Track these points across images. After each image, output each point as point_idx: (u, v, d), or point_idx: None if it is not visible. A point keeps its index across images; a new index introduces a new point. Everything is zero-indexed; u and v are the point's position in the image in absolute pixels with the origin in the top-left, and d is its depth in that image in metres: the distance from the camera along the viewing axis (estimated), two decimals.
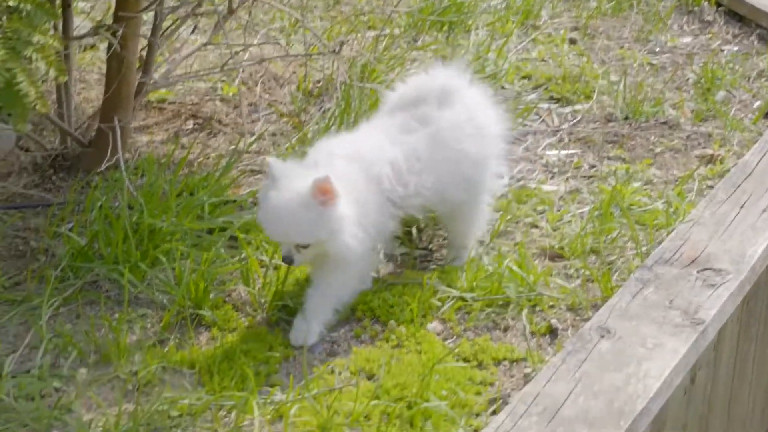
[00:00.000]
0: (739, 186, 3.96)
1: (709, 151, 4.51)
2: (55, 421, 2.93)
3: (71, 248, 3.57)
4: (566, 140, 4.60)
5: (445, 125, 3.40)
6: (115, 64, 4.08)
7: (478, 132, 3.46)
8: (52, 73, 3.13)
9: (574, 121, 4.77)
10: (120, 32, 3.92)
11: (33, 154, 4.27)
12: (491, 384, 3.10)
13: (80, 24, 4.76)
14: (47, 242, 3.69)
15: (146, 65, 4.25)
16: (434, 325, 3.36)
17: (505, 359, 3.20)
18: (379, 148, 3.34)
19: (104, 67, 4.30)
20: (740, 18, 6.28)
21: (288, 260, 3.18)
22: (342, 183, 3.14)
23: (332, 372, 3.15)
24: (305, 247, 3.16)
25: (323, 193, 3.08)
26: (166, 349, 3.21)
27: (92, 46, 5.22)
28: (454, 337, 3.31)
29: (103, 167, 3.94)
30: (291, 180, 3.13)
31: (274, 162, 3.18)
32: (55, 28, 4.00)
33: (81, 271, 3.52)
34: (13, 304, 3.39)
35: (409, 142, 3.36)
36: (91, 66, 5.05)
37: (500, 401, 3.00)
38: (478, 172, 3.49)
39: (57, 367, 3.13)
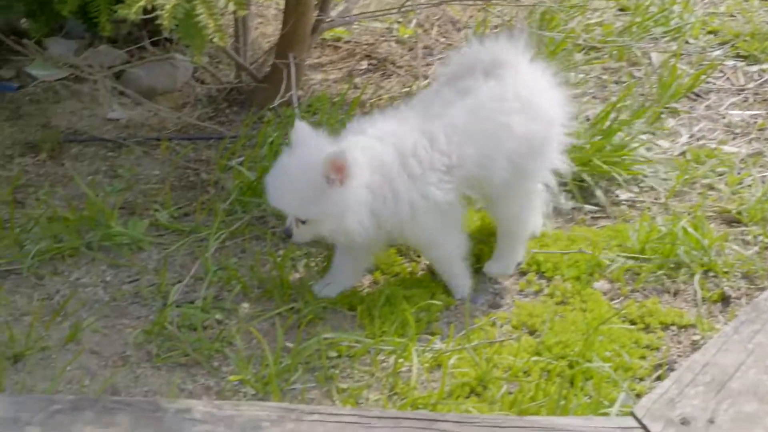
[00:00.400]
0: None
1: None
2: (215, 353, 2.96)
3: (240, 182, 3.59)
4: (751, 100, 4.40)
5: (485, 97, 3.11)
6: (294, 0, 4.06)
7: (527, 110, 3.12)
8: (232, 6, 3.12)
9: (761, 80, 4.56)
10: None
11: (208, 86, 4.31)
12: (657, 349, 3.00)
13: None
14: (217, 175, 3.71)
15: (324, 3, 4.23)
16: (601, 284, 3.27)
17: (673, 324, 3.10)
18: (414, 122, 3.08)
19: (282, 2, 4.30)
20: None
21: (288, 233, 3.03)
22: (368, 164, 2.99)
23: (493, 324, 3.10)
24: (303, 222, 3.00)
25: (336, 170, 2.89)
26: None
27: None
28: (621, 298, 3.22)
29: (275, 103, 3.96)
30: (307, 149, 2.98)
31: (300, 126, 3.02)
32: None
33: (249, 206, 3.53)
34: (182, 234, 3.43)
35: (448, 114, 3.08)
36: (269, 1, 5.05)
37: (666, 367, 2.91)
38: (525, 155, 3.13)
39: (220, 300, 3.16)
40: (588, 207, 3.62)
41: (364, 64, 4.60)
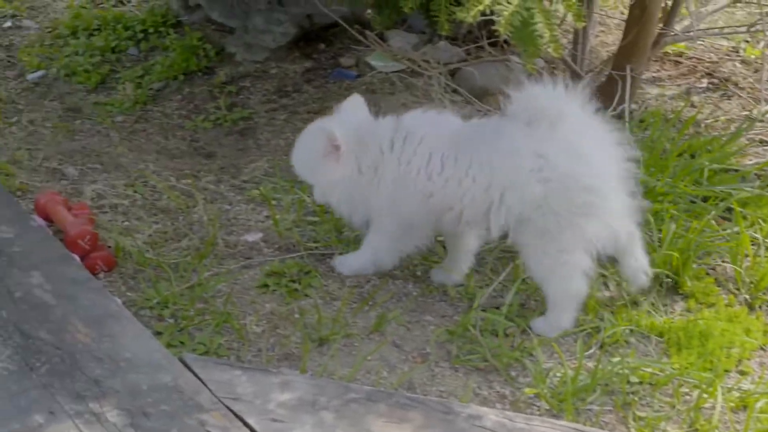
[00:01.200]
0: None
1: None
2: (514, 362, 2.93)
3: None
4: None
5: (500, 147, 2.96)
6: (638, 12, 3.99)
7: (547, 174, 2.90)
8: (570, 17, 3.09)
9: None
10: None
11: None
12: None
13: None
14: None
15: (669, 17, 4.13)
16: None
17: None
18: (435, 137, 3.06)
19: (626, 12, 4.22)
20: None
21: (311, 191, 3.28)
22: (369, 148, 3.09)
23: None
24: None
25: (332, 146, 3.07)
26: (636, 313, 3.11)
27: None
28: None
29: (607, 114, 3.89)
30: (336, 118, 3.14)
31: (353, 98, 3.18)
32: None
33: None
34: None
35: (460, 145, 3.01)
36: (613, 10, 4.98)
37: None
38: (540, 218, 2.92)
39: (525, 308, 3.13)
40: None
41: (704, 82, 4.45)
